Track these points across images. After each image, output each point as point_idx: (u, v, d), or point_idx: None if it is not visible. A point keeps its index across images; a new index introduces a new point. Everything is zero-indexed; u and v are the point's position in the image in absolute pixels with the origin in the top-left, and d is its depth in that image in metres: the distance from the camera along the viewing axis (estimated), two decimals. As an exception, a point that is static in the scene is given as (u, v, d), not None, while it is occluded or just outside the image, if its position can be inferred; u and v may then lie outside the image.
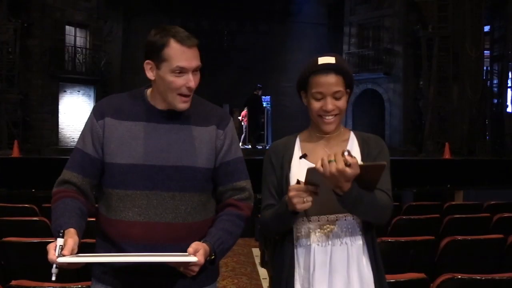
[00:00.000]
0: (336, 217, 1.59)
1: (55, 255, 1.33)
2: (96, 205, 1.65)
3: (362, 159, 1.60)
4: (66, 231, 1.40)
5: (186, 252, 1.43)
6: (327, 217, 1.59)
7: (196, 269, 1.45)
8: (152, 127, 1.58)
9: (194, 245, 1.45)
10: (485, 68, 14.56)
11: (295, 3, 17.49)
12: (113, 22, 15.74)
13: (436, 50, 13.68)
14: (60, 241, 1.36)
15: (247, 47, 17.17)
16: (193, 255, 1.40)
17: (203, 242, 1.49)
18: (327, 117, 1.60)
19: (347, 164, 1.35)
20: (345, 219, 1.59)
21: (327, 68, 1.58)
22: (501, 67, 14.28)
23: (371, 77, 15.54)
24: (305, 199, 1.46)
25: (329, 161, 1.37)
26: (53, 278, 1.32)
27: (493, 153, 13.32)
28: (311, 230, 1.60)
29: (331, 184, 1.41)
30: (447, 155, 11.30)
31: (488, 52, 14.74)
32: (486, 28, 14.61)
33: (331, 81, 1.58)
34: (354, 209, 1.48)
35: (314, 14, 17.87)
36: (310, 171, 1.42)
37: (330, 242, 1.58)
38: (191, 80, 1.53)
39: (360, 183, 1.44)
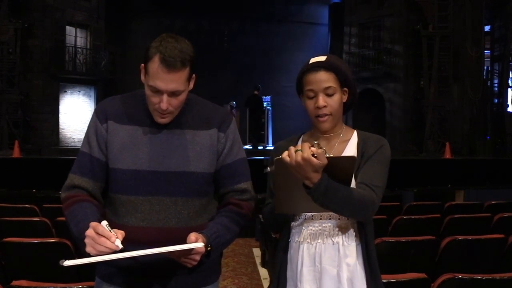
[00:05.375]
0: (330, 216, 1.58)
1: (115, 237, 1.35)
2: None
3: (358, 159, 1.58)
4: None
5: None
6: (321, 215, 1.59)
7: (198, 257, 1.44)
8: (154, 132, 1.57)
9: (193, 234, 1.45)
10: (485, 67, 14.54)
11: (295, 3, 17.44)
12: (114, 22, 15.72)
13: (436, 49, 13.66)
14: (104, 222, 1.40)
15: (247, 47, 17.12)
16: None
17: (199, 233, 1.49)
18: (321, 116, 1.61)
19: (314, 155, 1.34)
20: (339, 218, 1.58)
21: (316, 66, 1.61)
22: (502, 67, 14.25)
23: (372, 76, 15.52)
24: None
25: (296, 151, 1.36)
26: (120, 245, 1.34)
27: (493, 152, 13.31)
28: (303, 228, 1.61)
29: (300, 176, 1.38)
30: (447, 155, 11.29)
31: (489, 51, 14.72)
32: (487, 28, 14.59)
33: (321, 77, 1.59)
34: (326, 202, 1.42)
35: (314, 14, 17.86)
36: (277, 162, 1.41)
37: (320, 241, 1.57)
38: (164, 103, 1.48)
39: (333, 178, 1.41)
